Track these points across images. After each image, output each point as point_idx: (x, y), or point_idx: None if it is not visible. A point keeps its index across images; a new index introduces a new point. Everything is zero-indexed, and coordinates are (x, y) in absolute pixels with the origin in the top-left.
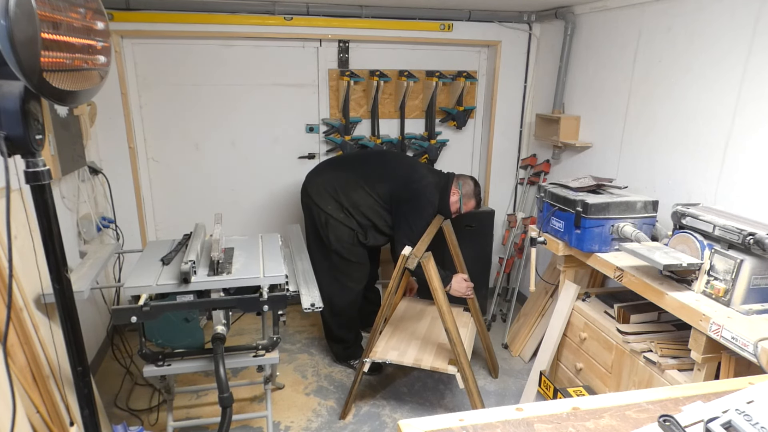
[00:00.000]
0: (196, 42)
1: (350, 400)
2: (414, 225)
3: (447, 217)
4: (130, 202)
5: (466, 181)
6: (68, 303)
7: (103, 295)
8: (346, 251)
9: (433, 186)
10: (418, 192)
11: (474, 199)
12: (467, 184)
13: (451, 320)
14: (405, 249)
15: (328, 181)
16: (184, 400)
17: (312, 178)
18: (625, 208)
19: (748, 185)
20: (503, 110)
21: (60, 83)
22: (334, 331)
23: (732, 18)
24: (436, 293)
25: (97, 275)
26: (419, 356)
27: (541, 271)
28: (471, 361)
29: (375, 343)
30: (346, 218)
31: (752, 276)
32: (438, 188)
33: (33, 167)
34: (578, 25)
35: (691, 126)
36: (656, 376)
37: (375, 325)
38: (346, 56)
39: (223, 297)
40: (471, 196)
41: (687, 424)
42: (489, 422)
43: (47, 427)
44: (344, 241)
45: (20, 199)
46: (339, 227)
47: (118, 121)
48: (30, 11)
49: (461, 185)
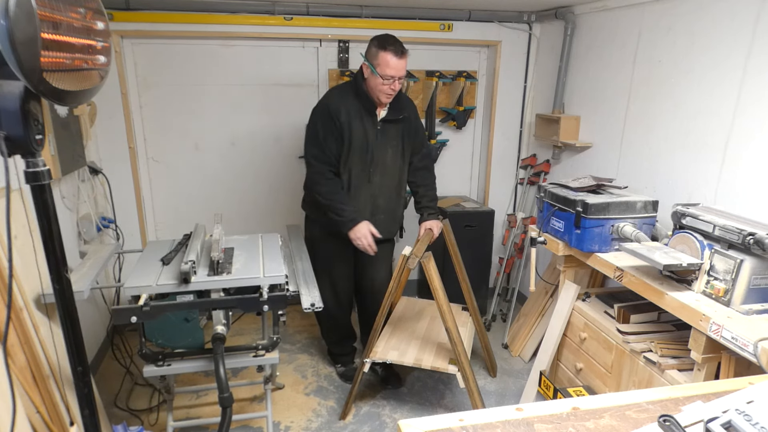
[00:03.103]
0: (196, 42)
1: (350, 400)
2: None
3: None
4: (130, 202)
5: (368, 46)
6: (68, 303)
7: (103, 295)
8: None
9: (332, 89)
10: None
11: (381, 49)
12: (369, 47)
13: (451, 320)
14: (405, 249)
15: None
16: (184, 400)
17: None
18: (625, 208)
19: (748, 185)
20: (503, 110)
21: (60, 83)
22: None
23: (732, 19)
24: (436, 293)
25: (97, 275)
26: (419, 356)
27: (541, 271)
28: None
29: (375, 344)
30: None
31: (752, 276)
32: (341, 87)
33: (33, 167)
34: (578, 25)
35: (691, 126)
36: (656, 376)
37: (375, 325)
38: (346, 56)
39: (223, 297)
40: (377, 50)
41: (687, 424)
42: (489, 422)
43: (47, 427)
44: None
45: (20, 199)
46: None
47: (118, 121)
48: (30, 11)
49: (365, 56)
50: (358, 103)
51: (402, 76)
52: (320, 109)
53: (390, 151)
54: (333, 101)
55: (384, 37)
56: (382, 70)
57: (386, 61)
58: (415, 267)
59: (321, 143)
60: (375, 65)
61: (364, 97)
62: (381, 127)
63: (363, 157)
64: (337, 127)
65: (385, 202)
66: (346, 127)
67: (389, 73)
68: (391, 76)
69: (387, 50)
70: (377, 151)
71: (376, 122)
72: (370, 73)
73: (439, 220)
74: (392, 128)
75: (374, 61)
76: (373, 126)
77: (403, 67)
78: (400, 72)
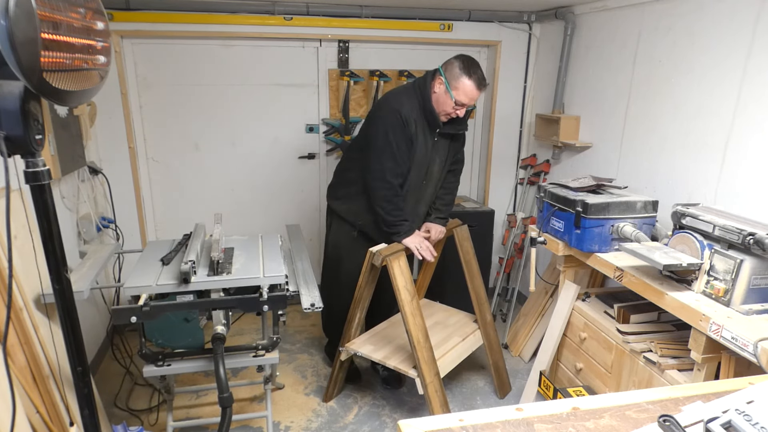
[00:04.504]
0: (196, 42)
1: (331, 383)
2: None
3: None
4: (130, 202)
5: (450, 63)
6: (68, 303)
7: (103, 295)
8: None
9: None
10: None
11: (466, 75)
12: (451, 64)
13: (413, 323)
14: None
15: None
16: (184, 400)
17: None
18: (625, 208)
19: (748, 185)
20: (503, 110)
21: (60, 83)
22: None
23: (732, 19)
24: (399, 293)
25: (97, 275)
26: (390, 354)
27: (541, 271)
28: (476, 375)
29: (351, 333)
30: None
31: (752, 276)
32: (408, 93)
33: (33, 167)
34: (578, 25)
35: (691, 126)
36: (656, 376)
37: (350, 315)
38: (346, 56)
39: (223, 297)
40: (460, 74)
41: (687, 424)
42: (489, 422)
43: (47, 427)
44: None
45: (20, 199)
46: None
47: (118, 121)
48: (30, 11)
49: (443, 71)
50: (423, 115)
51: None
52: (392, 117)
53: (438, 161)
54: (404, 109)
55: (471, 62)
56: (458, 95)
57: (466, 89)
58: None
59: (395, 154)
60: (452, 87)
61: (429, 111)
62: (437, 140)
63: (420, 170)
64: (409, 138)
65: (423, 209)
66: (414, 139)
67: (464, 101)
68: (464, 104)
69: (471, 78)
70: (430, 164)
71: (434, 135)
72: (443, 91)
73: (444, 227)
74: (444, 141)
75: (453, 83)
76: (431, 138)
77: (477, 97)
78: (473, 102)
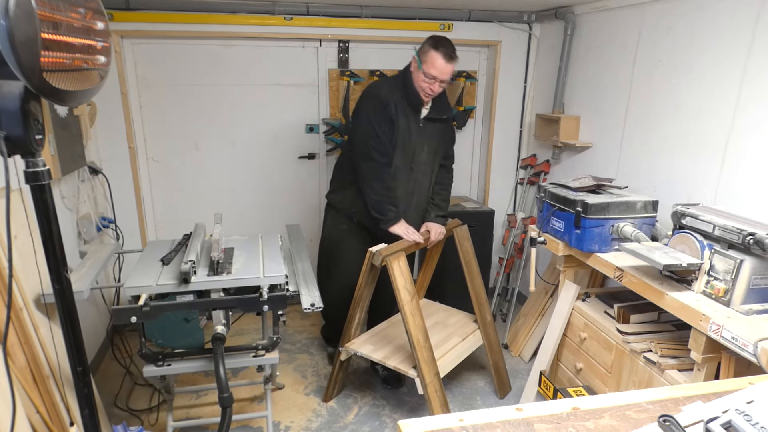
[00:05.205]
0: (196, 42)
1: (330, 383)
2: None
3: (419, 103)
4: (130, 202)
5: (423, 43)
6: (68, 303)
7: (103, 295)
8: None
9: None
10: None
11: (433, 48)
12: (423, 44)
13: (412, 323)
14: (376, 246)
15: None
16: (184, 400)
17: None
18: (625, 208)
19: (748, 185)
20: (503, 110)
21: (60, 83)
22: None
23: (732, 19)
24: (398, 293)
25: (97, 275)
26: (390, 354)
27: (541, 271)
28: (476, 375)
29: (351, 333)
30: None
31: (752, 276)
32: (390, 80)
33: (33, 167)
34: (578, 25)
35: (691, 126)
36: (656, 376)
37: (350, 314)
38: (346, 56)
39: (223, 297)
40: (429, 48)
41: (687, 424)
42: (489, 422)
43: (47, 427)
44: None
45: (20, 199)
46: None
47: (118, 121)
48: (30, 11)
49: (417, 51)
50: (405, 98)
51: (445, 81)
52: (371, 101)
53: (426, 149)
54: (383, 92)
55: (440, 38)
56: (427, 68)
57: (434, 60)
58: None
59: (377, 133)
60: (422, 61)
61: (411, 93)
62: (422, 125)
63: (404, 153)
64: (389, 119)
65: (417, 199)
66: (394, 120)
67: (432, 73)
68: (434, 76)
69: (438, 50)
70: (417, 148)
71: (419, 119)
72: (416, 67)
73: (444, 226)
74: (432, 127)
75: (423, 57)
76: (415, 122)
77: (449, 72)
78: (443, 75)
